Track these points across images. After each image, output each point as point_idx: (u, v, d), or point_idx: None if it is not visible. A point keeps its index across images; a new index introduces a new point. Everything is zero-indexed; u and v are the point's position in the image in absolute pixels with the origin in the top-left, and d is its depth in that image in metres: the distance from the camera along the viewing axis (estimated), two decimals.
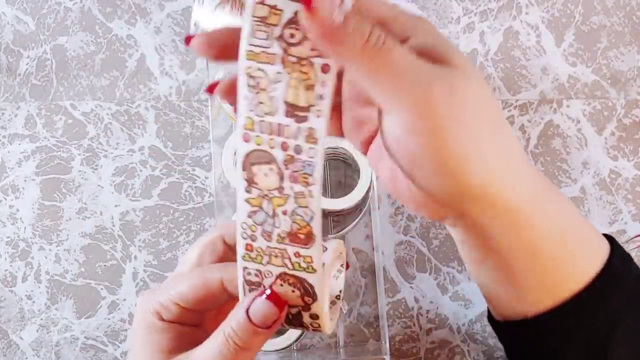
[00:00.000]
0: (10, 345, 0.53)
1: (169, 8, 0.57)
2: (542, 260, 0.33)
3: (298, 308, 0.29)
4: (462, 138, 0.27)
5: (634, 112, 0.54)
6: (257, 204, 0.28)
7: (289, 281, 0.29)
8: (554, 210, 0.32)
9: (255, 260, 0.29)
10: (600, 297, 0.33)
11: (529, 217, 0.31)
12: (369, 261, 0.53)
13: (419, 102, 0.26)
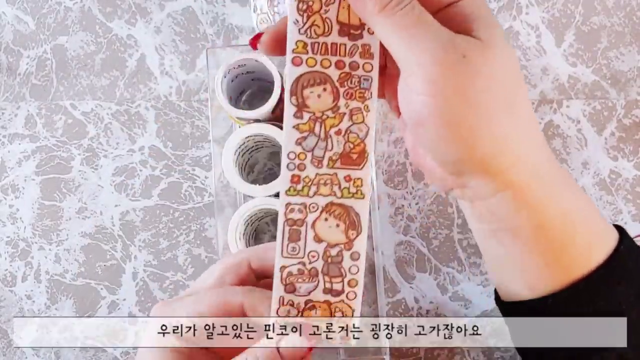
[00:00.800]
0: (10, 345, 0.53)
1: (169, 8, 0.57)
2: (545, 241, 0.33)
3: (340, 247, 0.29)
4: (467, 108, 0.28)
5: (634, 112, 0.54)
6: (308, 128, 0.28)
7: (334, 213, 0.28)
8: (563, 193, 0.32)
9: (301, 193, 0.28)
10: (604, 286, 0.33)
11: (534, 195, 0.31)
12: (369, 261, 0.53)
13: (429, 64, 0.27)
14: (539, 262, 0.34)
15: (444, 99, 0.28)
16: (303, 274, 0.29)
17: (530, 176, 0.31)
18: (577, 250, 0.33)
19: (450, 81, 0.27)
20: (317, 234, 0.28)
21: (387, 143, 0.54)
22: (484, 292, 0.53)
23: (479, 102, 0.28)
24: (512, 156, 0.30)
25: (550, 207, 0.32)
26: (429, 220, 0.53)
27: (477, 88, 0.28)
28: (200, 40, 0.56)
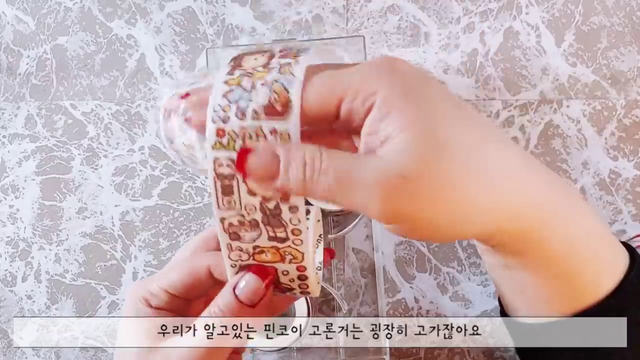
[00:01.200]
0: (10, 345, 0.53)
1: (169, 8, 0.57)
2: (551, 274, 0.32)
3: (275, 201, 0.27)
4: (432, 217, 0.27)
5: (634, 112, 0.54)
6: (236, 82, 0.27)
7: None
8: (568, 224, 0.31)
9: (227, 147, 0.26)
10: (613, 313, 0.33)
11: (537, 234, 0.30)
12: (369, 261, 0.53)
13: (376, 207, 0.26)
14: (544, 293, 0.33)
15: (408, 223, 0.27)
16: (244, 224, 0.28)
17: (530, 221, 0.30)
18: (584, 281, 0.33)
19: (404, 208, 0.26)
20: (249, 189, 0.27)
21: None
22: (484, 292, 0.53)
23: (437, 208, 0.27)
24: (500, 218, 0.29)
25: (557, 244, 0.31)
26: None
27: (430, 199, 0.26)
28: (200, 40, 0.56)
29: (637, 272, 0.33)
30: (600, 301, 0.32)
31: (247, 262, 0.29)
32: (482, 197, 0.28)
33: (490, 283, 0.53)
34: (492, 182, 0.28)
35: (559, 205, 0.31)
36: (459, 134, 0.27)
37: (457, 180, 0.27)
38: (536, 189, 0.30)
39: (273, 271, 0.30)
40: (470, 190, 0.27)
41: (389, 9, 0.55)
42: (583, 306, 0.33)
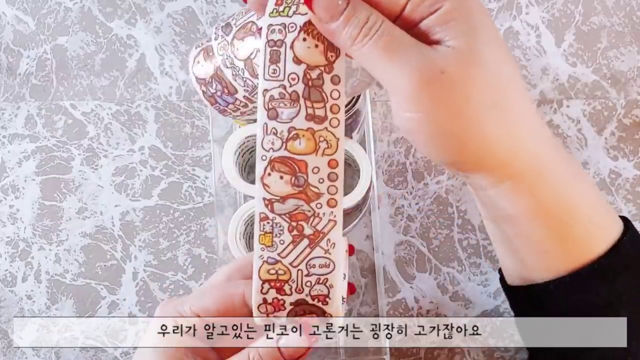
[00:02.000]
0: (10, 345, 0.53)
1: (169, 8, 0.57)
2: (543, 230, 0.33)
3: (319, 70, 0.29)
4: (450, 119, 0.29)
5: (634, 112, 0.54)
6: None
7: (312, 33, 0.29)
8: (564, 183, 0.33)
9: (282, 13, 0.29)
10: (605, 275, 0.34)
11: (532, 186, 0.32)
12: (369, 261, 0.53)
13: (408, 87, 0.28)
14: (538, 249, 0.34)
15: (427, 115, 0.29)
16: (284, 97, 0.29)
17: (527, 168, 0.32)
18: (576, 240, 0.34)
19: (430, 98, 0.28)
20: (296, 55, 0.28)
21: (387, 143, 0.54)
22: (484, 292, 0.53)
23: (461, 113, 0.29)
24: (506, 152, 0.31)
25: (550, 198, 0.32)
26: (429, 220, 0.53)
27: (457, 100, 0.29)
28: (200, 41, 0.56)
29: (630, 238, 0.34)
30: (592, 262, 0.33)
31: (278, 154, 0.29)
32: (497, 123, 0.30)
33: (490, 283, 0.53)
34: (509, 115, 0.30)
35: (559, 160, 0.33)
36: (499, 63, 0.30)
37: (483, 98, 0.29)
38: (542, 138, 0.32)
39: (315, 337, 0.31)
40: (489, 113, 0.29)
41: None
42: (574, 266, 0.34)
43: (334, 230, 0.29)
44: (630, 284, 0.34)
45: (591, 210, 0.34)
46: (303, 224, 0.29)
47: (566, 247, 0.34)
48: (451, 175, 0.54)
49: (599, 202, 0.35)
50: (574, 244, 0.34)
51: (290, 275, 0.29)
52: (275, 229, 0.29)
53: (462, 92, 0.28)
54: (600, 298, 0.34)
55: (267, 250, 0.29)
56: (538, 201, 0.32)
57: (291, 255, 0.29)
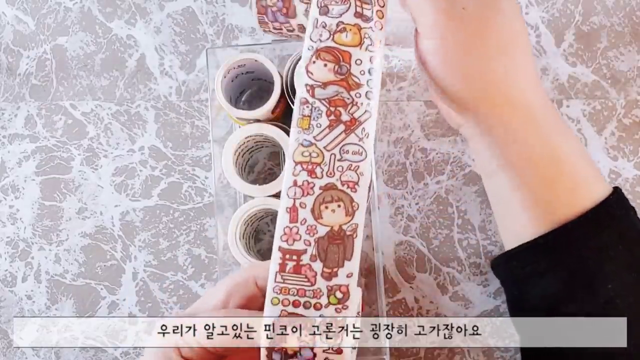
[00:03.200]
0: (10, 345, 0.53)
1: (169, 8, 0.57)
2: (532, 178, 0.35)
3: None
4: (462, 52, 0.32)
5: (634, 112, 0.54)
6: None
7: None
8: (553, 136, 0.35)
9: None
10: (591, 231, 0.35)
11: (524, 134, 0.35)
12: (369, 261, 0.53)
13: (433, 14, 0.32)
14: (526, 198, 0.36)
15: (446, 41, 0.32)
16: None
17: (520, 116, 0.34)
18: (562, 190, 0.35)
19: (450, 28, 0.32)
20: None
21: (387, 143, 0.54)
22: (484, 292, 0.53)
23: (472, 48, 0.32)
24: (503, 97, 0.33)
25: (538, 147, 0.35)
26: (429, 220, 0.53)
27: (471, 36, 0.32)
28: (200, 40, 0.56)
29: (617, 199, 0.36)
30: (577, 217, 0.35)
31: (325, 44, 0.31)
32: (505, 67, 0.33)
33: (490, 283, 0.53)
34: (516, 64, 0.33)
35: (552, 118, 0.35)
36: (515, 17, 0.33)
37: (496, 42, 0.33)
38: (539, 95, 0.35)
39: None
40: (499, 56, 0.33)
41: None
42: (558, 220, 0.35)
43: (369, 121, 0.30)
44: (615, 240, 0.35)
45: (579, 165, 0.36)
46: (341, 109, 0.30)
47: (554, 198, 0.36)
48: (451, 175, 0.54)
49: (586, 158, 0.37)
50: (561, 196, 0.35)
51: (323, 158, 0.30)
52: (314, 113, 0.30)
53: (479, 29, 0.32)
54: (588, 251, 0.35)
55: (304, 133, 0.30)
56: (531, 148, 0.35)
57: (326, 138, 0.30)
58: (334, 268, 0.29)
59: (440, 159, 0.54)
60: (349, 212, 0.29)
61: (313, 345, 0.29)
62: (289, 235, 0.29)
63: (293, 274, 0.29)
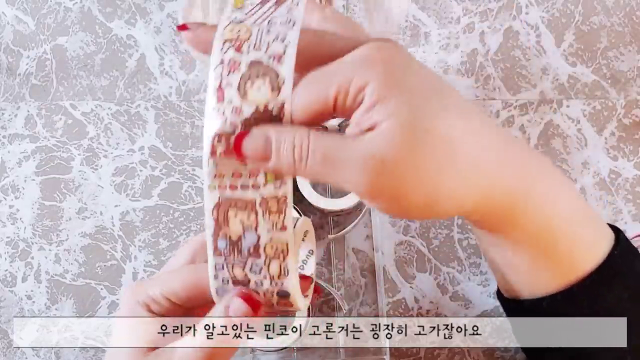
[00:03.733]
0: (10, 345, 0.53)
1: (169, 8, 0.57)
2: (536, 250, 0.34)
3: None
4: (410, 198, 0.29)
5: (634, 112, 0.54)
6: None
7: None
8: (553, 203, 0.33)
9: None
10: (597, 289, 0.34)
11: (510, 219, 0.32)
12: (369, 261, 0.53)
13: (359, 186, 0.29)
14: (528, 267, 0.35)
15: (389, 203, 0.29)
16: None
17: (503, 202, 0.32)
18: (562, 259, 0.34)
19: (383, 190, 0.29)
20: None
21: None
22: (484, 292, 0.53)
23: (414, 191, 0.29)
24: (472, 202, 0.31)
25: (530, 224, 0.33)
26: (429, 220, 0.53)
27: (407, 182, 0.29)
28: None
29: (620, 251, 0.35)
30: (583, 278, 0.34)
31: None
32: (455, 182, 0.30)
33: (490, 283, 0.53)
34: (464, 169, 0.30)
35: (534, 188, 0.32)
36: (439, 124, 0.29)
37: (432, 167, 0.29)
38: (510, 174, 0.32)
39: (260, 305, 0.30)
40: (444, 177, 0.29)
41: None
42: (563, 283, 0.34)
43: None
44: (622, 297, 0.34)
45: (577, 227, 0.34)
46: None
47: (553, 266, 0.34)
48: None
49: (584, 215, 0.35)
50: (560, 263, 0.34)
51: (250, 34, 0.28)
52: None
53: (409, 172, 0.28)
54: (594, 313, 0.34)
55: (237, 11, 0.29)
56: (520, 228, 0.33)
57: (257, 14, 0.29)
58: None
59: None
60: (275, 87, 0.27)
61: (256, 226, 0.29)
62: (216, 117, 0.28)
63: (224, 158, 0.28)
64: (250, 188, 0.28)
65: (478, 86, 0.55)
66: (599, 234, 0.35)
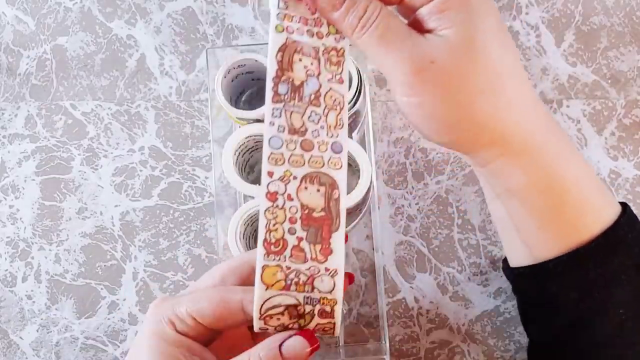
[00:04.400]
0: (10, 345, 0.53)
1: (169, 8, 0.57)
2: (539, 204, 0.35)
3: None
4: (442, 105, 0.31)
5: (634, 112, 0.54)
6: None
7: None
8: (559, 161, 0.34)
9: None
10: (602, 255, 0.35)
11: (527, 162, 0.34)
12: (369, 261, 0.53)
13: (401, 75, 0.30)
14: (535, 224, 0.36)
15: (421, 99, 0.31)
16: None
17: (521, 147, 0.33)
18: (570, 218, 0.35)
19: (422, 86, 0.30)
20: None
21: (387, 143, 0.54)
22: (484, 292, 0.53)
23: (452, 99, 0.31)
24: (494, 136, 0.32)
25: (543, 175, 0.34)
26: (429, 220, 0.53)
27: (448, 87, 0.30)
28: (200, 40, 0.56)
29: (627, 220, 0.35)
30: (589, 241, 0.35)
31: None
32: (492, 107, 0.31)
33: (490, 283, 0.53)
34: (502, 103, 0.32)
35: (551, 142, 0.34)
36: (494, 52, 0.31)
37: (474, 87, 0.31)
38: (534, 124, 0.34)
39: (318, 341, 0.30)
40: (480, 102, 0.31)
41: None
42: (570, 244, 0.35)
43: None
44: (627, 264, 0.35)
45: (585, 190, 0.35)
46: None
47: (561, 224, 0.35)
48: (451, 175, 0.54)
49: (593, 182, 0.36)
50: (568, 222, 0.35)
51: None
52: None
53: (452, 80, 0.30)
54: (599, 276, 0.35)
55: None
56: (532, 178, 0.34)
57: None
58: None
59: (440, 159, 0.54)
60: None
61: (319, 74, 0.30)
62: None
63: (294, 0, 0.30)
64: (315, 35, 0.30)
65: None
66: (607, 202, 0.36)
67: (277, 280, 0.29)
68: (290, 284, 0.29)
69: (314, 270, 0.29)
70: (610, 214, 0.35)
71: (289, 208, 0.30)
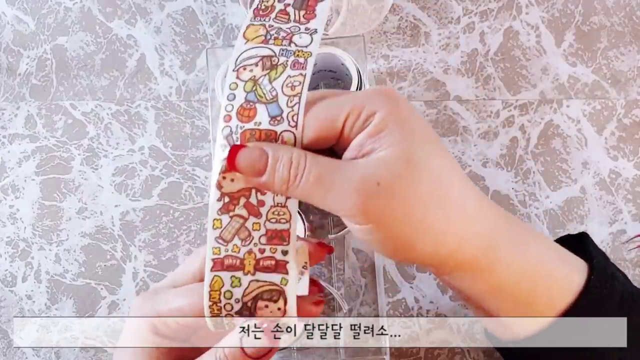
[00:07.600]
0: (10, 345, 0.53)
1: (169, 8, 0.57)
2: (509, 298, 0.34)
3: None
4: (394, 227, 0.30)
5: (634, 112, 0.54)
6: None
7: None
8: (515, 253, 0.34)
9: None
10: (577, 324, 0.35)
11: (485, 265, 0.33)
12: (369, 261, 0.53)
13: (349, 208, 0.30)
14: (506, 317, 0.36)
15: (374, 225, 0.30)
16: None
17: (475, 254, 0.33)
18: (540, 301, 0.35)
19: (374, 211, 0.30)
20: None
21: None
22: None
23: (403, 219, 0.30)
24: (453, 244, 0.32)
25: (504, 273, 0.33)
26: None
27: (398, 207, 0.30)
28: (200, 40, 0.56)
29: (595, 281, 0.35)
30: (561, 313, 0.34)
31: None
32: (439, 220, 0.31)
33: None
34: (450, 209, 0.31)
35: (505, 236, 0.34)
36: (433, 164, 0.31)
37: (422, 200, 0.30)
38: (484, 222, 0.33)
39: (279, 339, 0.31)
40: (430, 212, 0.31)
41: (389, 9, 0.55)
42: (542, 324, 0.35)
43: None
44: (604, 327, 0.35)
45: (548, 268, 0.35)
46: None
47: (531, 310, 0.35)
48: None
49: (554, 256, 0.36)
50: (539, 305, 0.35)
51: None
52: None
53: (400, 199, 0.30)
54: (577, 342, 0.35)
55: None
56: (493, 281, 0.34)
57: None
58: None
59: None
60: None
61: None
62: None
63: None
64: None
65: (478, 86, 0.55)
66: (574, 266, 0.36)
67: (257, 35, 0.31)
68: (269, 39, 0.31)
69: (295, 29, 0.31)
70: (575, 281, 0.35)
71: None
